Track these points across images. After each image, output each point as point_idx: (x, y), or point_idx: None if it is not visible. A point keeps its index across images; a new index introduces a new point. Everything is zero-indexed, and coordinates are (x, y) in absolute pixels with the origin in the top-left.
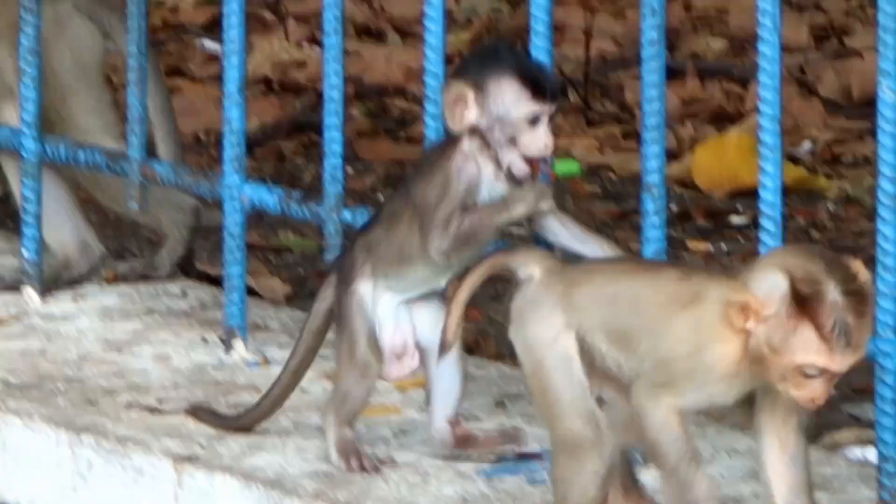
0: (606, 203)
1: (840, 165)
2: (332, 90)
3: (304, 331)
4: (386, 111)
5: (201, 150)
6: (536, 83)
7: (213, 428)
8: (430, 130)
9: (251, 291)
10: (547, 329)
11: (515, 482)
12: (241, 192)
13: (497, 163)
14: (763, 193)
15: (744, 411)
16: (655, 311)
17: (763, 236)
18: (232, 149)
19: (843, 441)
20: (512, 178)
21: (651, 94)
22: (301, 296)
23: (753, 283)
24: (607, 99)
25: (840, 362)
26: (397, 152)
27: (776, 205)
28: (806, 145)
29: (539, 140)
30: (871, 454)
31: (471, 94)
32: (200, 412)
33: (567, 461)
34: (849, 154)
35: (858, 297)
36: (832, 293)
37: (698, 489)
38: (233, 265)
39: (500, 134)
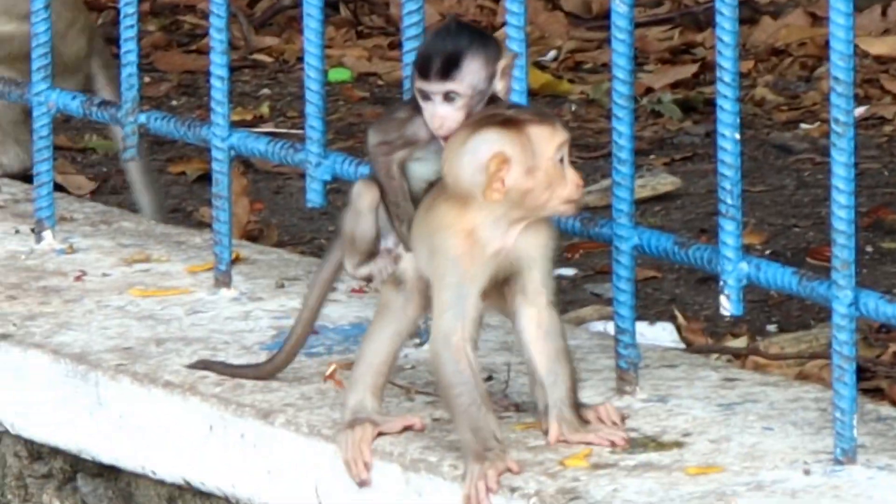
0: (374, 106)
1: (581, 72)
2: (127, 6)
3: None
4: (178, 26)
5: None
6: (423, 62)
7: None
8: (216, 42)
9: (60, 188)
10: None
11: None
12: (48, 99)
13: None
14: (513, 97)
15: (496, 298)
16: (423, 213)
17: None
18: (39, 60)
19: (587, 317)
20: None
21: (410, 8)
22: (104, 191)
23: None
24: (375, 14)
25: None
26: (188, 63)
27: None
28: (551, 54)
29: (429, 116)
30: (610, 328)
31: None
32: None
33: (375, 320)
34: (589, 61)
35: None
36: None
37: (487, 435)
38: (41, 163)
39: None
